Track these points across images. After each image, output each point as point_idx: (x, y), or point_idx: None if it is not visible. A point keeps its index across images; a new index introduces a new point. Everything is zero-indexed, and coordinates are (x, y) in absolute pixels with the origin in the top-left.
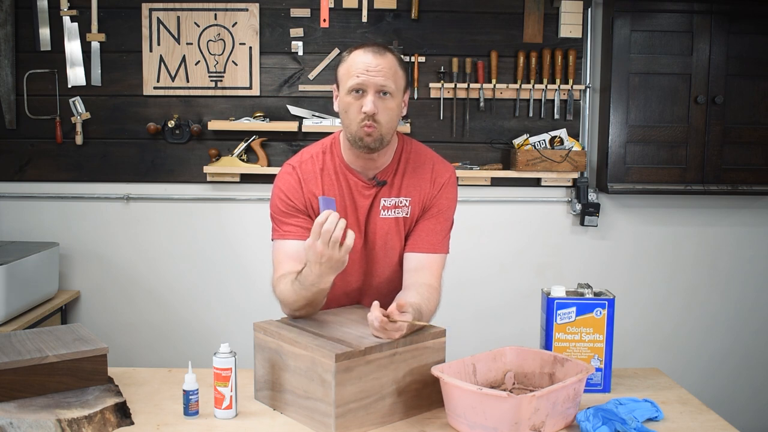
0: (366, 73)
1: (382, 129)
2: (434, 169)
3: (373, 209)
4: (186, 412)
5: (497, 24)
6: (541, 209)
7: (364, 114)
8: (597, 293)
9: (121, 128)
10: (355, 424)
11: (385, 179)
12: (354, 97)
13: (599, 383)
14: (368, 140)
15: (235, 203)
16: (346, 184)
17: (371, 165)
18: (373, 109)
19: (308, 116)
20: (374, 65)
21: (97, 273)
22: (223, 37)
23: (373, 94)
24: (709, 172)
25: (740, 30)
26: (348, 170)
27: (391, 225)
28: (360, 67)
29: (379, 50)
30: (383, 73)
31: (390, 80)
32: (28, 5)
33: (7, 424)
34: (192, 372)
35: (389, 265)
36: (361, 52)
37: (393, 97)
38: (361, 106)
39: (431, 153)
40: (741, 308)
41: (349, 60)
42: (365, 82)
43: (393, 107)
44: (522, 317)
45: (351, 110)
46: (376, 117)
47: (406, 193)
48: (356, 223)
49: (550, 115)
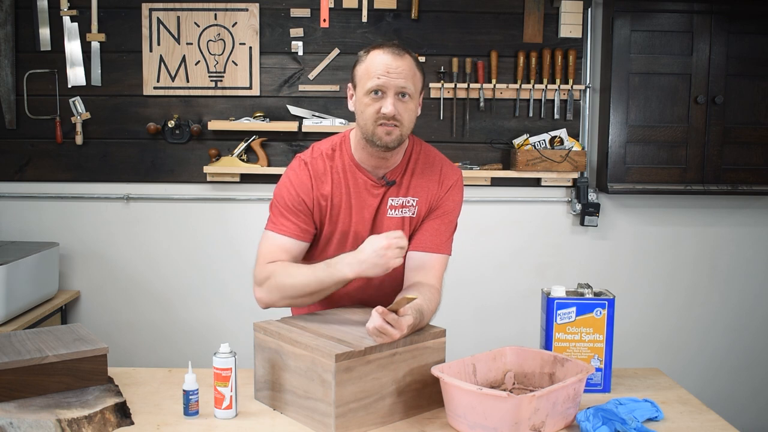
0: (387, 75)
1: (403, 129)
2: (443, 170)
3: (381, 208)
4: (186, 412)
5: (497, 24)
6: (541, 209)
7: (383, 115)
8: (597, 293)
9: (121, 128)
10: (355, 424)
11: (394, 179)
12: (373, 98)
13: (599, 383)
14: (387, 139)
15: (235, 203)
16: (354, 182)
17: (382, 164)
18: (393, 110)
19: (308, 116)
20: (394, 67)
21: (97, 273)
22: (223, 37)
23: (393, 96)
24: (709, 172)
25: (740, 30)
26: (358, 168)
27: (398, 224)
28: (380, 69)
29: (398, 51)
30: (403, 75)
31: (410, 82)
32: (28, 5)
33: (7, 424)
34: (192, 372)
35: None
36: (380, 52)
37: (412, 99)
38: (380, 108)
39: (440, 155)
40: (741, 308)
41: (367, 60)
42: (385, 84)
43: (412, 108)
44: (522, 317)
45: (369, 111)
46: (397, 117)
47: (414, 193)
48: (363, 222)
49: (550, 115)
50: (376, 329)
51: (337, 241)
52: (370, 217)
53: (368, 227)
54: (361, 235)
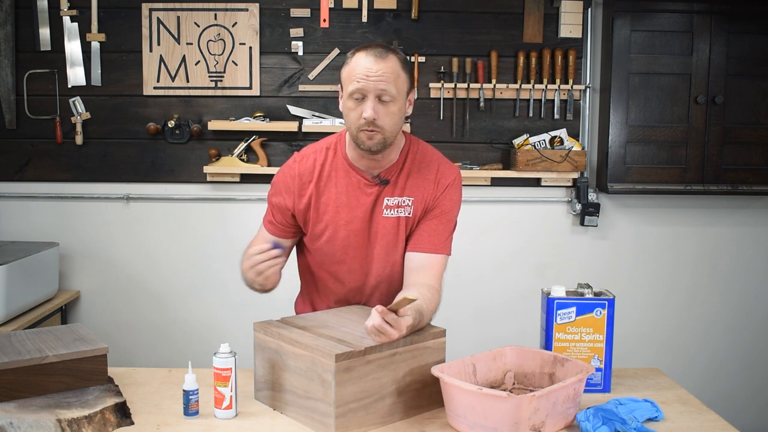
0: (366, 79)
1: (385, 133)
2: (439, 170)
3: (376, 208)
4: (186, 412)
5: (497, 24)
6: (541, 209)
7: (364, 120)
8: (597, 293)
9: (121, 128)
10: (355, 424)
11: (389, 178)
12: (355, 102)
13: (599, 383)
14: (369, 144)
15: (235, 203)
16: (348, 181)
17: (375, 165)
18: (372, 115)
19: (308, 116)
20: (375, 70)
21: (97, 273)
22: (223, 37)
23: (373, 99)
24: (709, 172)
25: (740, 30)
26: (352, 168)
27: (393, 224)
28: (360, 72)
29: (380, 53)
30: (384, 78)
31: (391, 85)
32: (28, 5)
33: (7, 424)
34: (192, 372)
35: (389, 265)
36: (362, 55)
37: (395, 101)
38: (362, 112)
39: (438, 154)
40: (741, 308)
41: (351, 63)
42: (365, 88)
43: (394, 111)
44: (522, 317)
45: (352, 116)
46: (377, 122)
47: (410, 193)
48: (356, 220)
49: (550, 115)
50: (374, 328)
51: (327, 237)
52: (364, 216)
53: (362, 226)
54: (353, 233)
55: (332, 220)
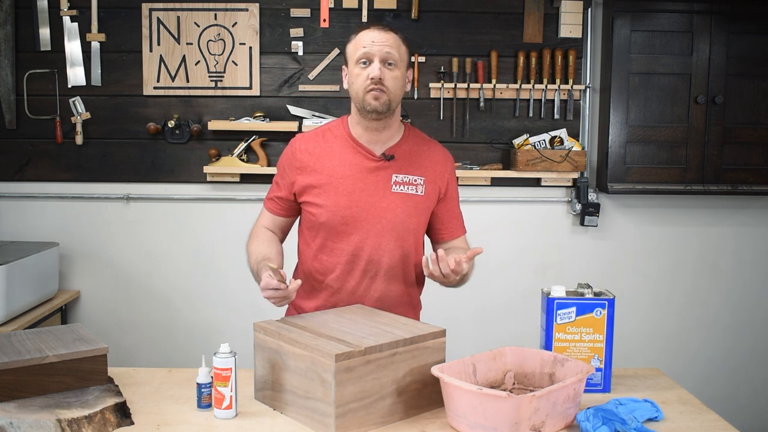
0: (372, 44)
1: (390, 94)
2: (443, 152)
3: (384, 184)
4: (199, 404)
5: (497, 24)
6: (541, 209)
7: (371, 80)
8: (597, 293)
9: (121, 128)
10: (355, 424)
11: (393, 154)
12: (362, 67)
13: (599, 383)
14: (375, 104)
15: (235, 203)
16: (353, 158)
17: (378, 138)
18: (379, 74)
19: (308, 116)
20: (379, 38)
21: (97, 273)
22: (223, 37)
23: (379, 62)
24: (709, 172)
25: (740, 30)
26: (357, 145)
27: (403, 199)
28: (367, 40)
29: (383, 27)
30: (389, 44)
31: (394, 50)
32: (28, 5)
33: (7, 424)
34: (205, 366)
35: (401, 245)
36: (366, 29)
37: (397, 67)
38: (368, 74)
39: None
40: (741, 308)
41: (356, 37)
42: (371, 51)
43: (398, 76)
44: (522, 317)
45: (359, 80)
46: (384, 82)
47: (420, 172)
48: (364, 196)
49: (550, 115)
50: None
51: (330, 212)
52: (372, 191)
53: (370, 201)
54: (359, 208)
55: (334, 194)
